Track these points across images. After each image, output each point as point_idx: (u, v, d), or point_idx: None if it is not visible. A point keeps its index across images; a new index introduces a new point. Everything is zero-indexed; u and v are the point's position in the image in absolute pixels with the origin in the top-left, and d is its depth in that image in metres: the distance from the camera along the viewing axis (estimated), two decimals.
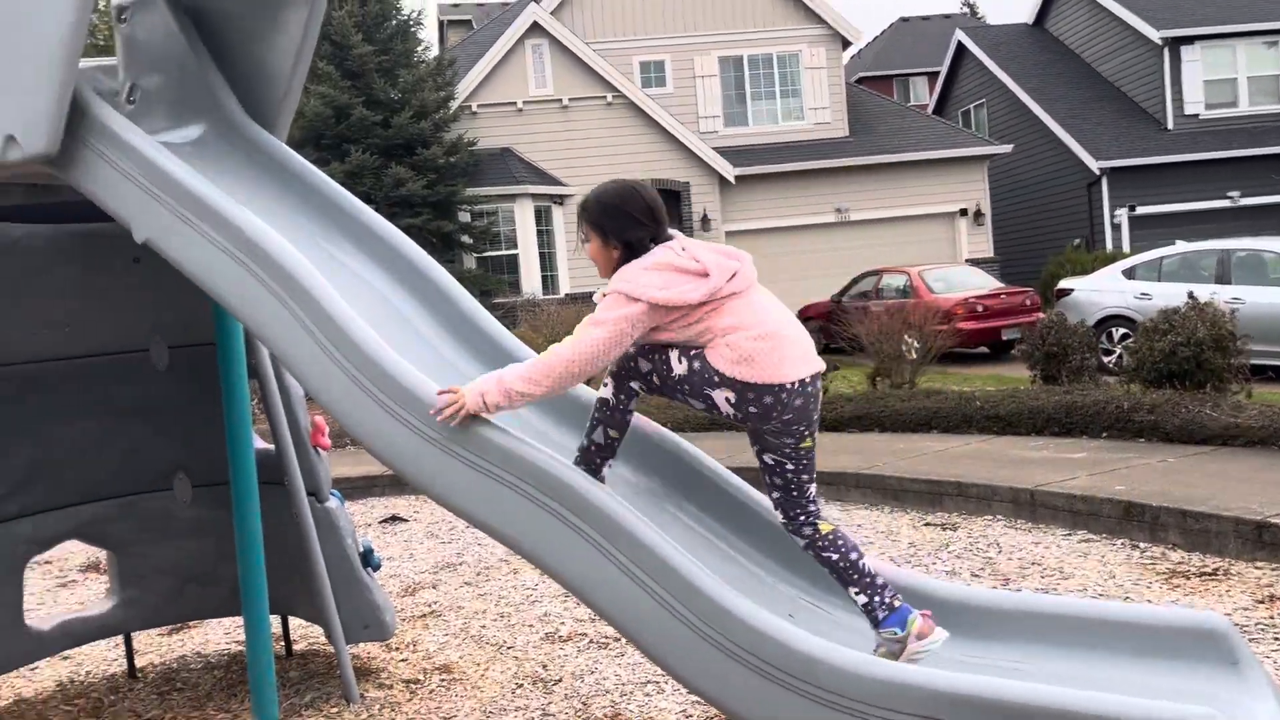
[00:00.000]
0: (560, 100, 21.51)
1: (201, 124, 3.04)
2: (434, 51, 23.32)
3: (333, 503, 4.07)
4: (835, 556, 2.42)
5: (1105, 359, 11.51)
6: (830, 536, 2.45)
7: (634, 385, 2.48)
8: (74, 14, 2.38)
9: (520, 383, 2.25)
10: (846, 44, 24.20)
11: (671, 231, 2.49)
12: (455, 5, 40.75)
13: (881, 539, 6.03)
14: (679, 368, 2.38)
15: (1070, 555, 5.31)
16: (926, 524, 6.28)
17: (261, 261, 2.38)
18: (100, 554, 6.66)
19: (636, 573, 2.10)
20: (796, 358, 2.36)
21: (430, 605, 5.29)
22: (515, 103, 21.51)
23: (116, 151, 2.53)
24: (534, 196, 20.84)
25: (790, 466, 2.45)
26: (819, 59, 23.52)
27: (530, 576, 5.67)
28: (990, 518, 6.21)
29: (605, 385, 2.51)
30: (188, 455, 4.17)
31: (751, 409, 2.35)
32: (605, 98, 21.51)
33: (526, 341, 3.60)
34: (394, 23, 19.68)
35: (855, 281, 17.87)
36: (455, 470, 2.22)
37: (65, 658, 4.68)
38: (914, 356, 11.26)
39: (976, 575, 5.14)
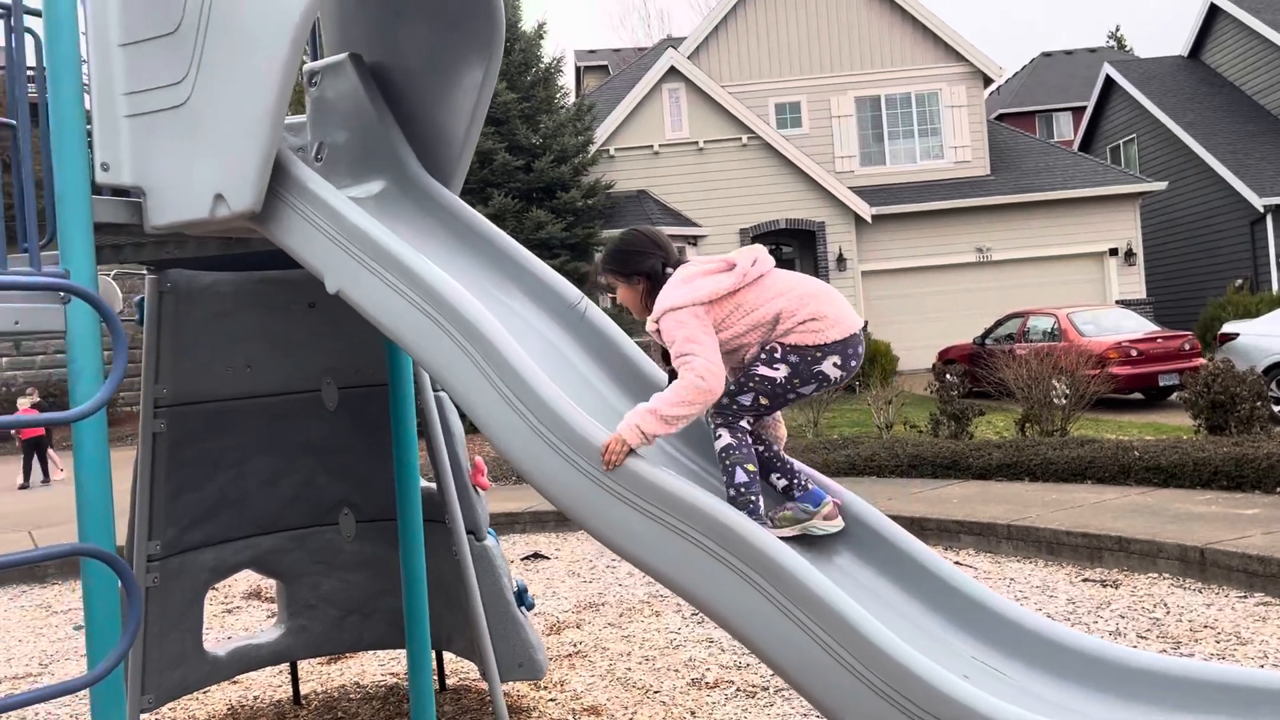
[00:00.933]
0: (696, 143, 21.73)
1: (383, 179, 3.21)
2: (572, 97, 23.93)
3: (490, 541, 4.18)
4: (760, 448, 2.66)
5: (1276, 408, 10.82)
6: (760, 432, 2.70)
7: (745, 424, 2.61)
8: (280, 80, 2.56)
9: (671, 408, 2.39)
10: (988, 81, 23.70)
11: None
12: (592, 52, 41.82)
13: (1037, 594, 5.80)
14: (779, 372, 2.55)
15: (1247, 619, 4.99)
16: (1085, 580, 6.00)
17: (444, 310, 2.49)
18: (262, 581, 6.99)
19: (813, 628, 2.09)
20: (847, 313, 2.62)
21: (575, 645, 5.35)
22: (651, 146, 21.84)
23: (311, 206, 2.69)
24: (669, 238, 21.00)
25: (792, 399, 2.64)
26: (959, 97, 23.11)
27: (673, 619, 5.66)
28: (1155, 575, 5.90)
29: (719, 435, 2.59)
30: (353, 492, 4.35)
31: (852, 362, 2.60)
32: (740, 139, 21.63)
33: None
34: (536, 70, 20.30)
35: (999, 323, 17.33)
36: (631, 519, 2.25)
37: (235, 682, 4.92)
38: (1064, 402, 10.83)
39: (1143, 637, 4.88)
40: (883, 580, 2.75)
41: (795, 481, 2.68)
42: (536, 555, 7.81)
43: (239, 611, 6.67)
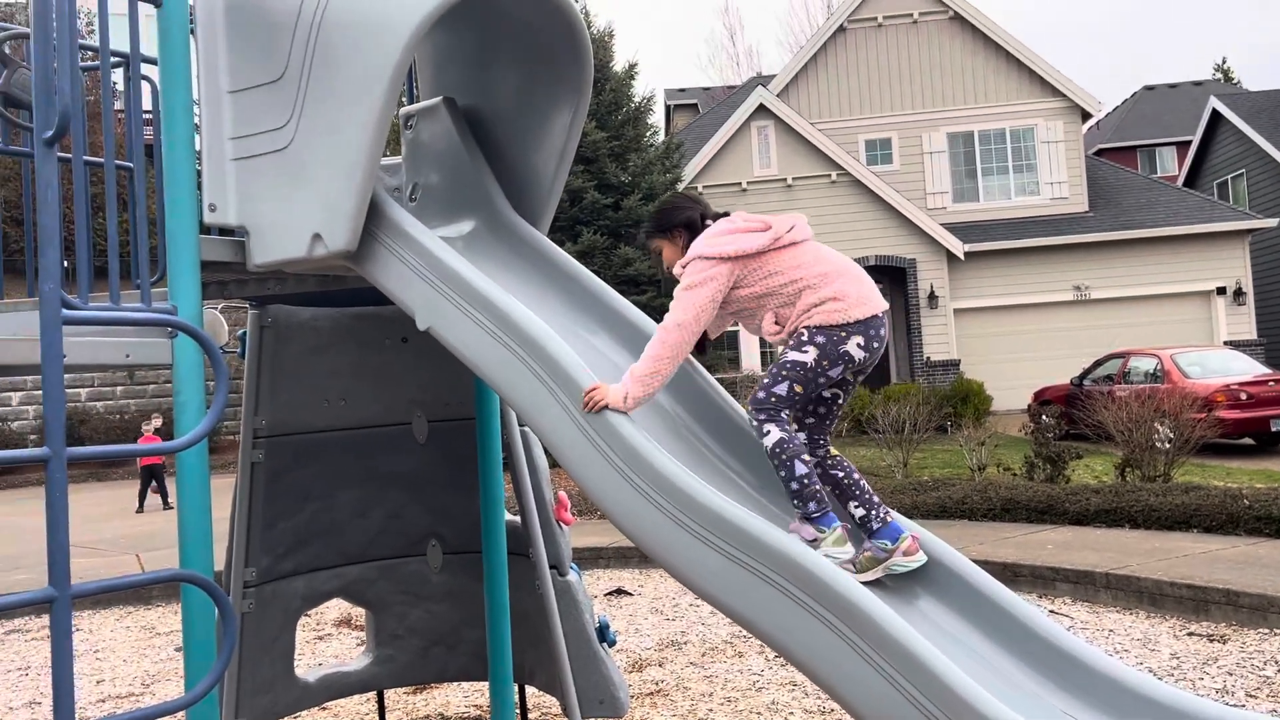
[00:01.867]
0: (784, 180, 21.73)
1: (474, 218, 3.29)
2: (661, 136, 24.17)
3: (572, 576, 4.20)
4: (842, 475, 2.67)
5: None
6: (839, 458, 2.73)
7: (786, 414, 2.62)
8: (376, 124, 2.66)
9: (645, 364, 2.51)
10: (1086, 116, 23.20)
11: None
12: (682, 90, 42.22)
13: (1138, 647, 5.56)
14: (809, 355, 2.58)
15: None
16: (1190, 634, 5.74)
17: (529, 348, 2.53)
18: (352, 609, 7.13)
19: (897, 677, 2.05)
20: (871, 293, 2.64)
21: (657, 683, 5.32)
22: (740, 183, 21.91)
23: (404, 246, 2.78)
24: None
25: (842, 399, 2.75)
26: (1056, 132, 22.66)
27: (756, 661, 5.59)
28: (1266, 631, 5.61)
29: (767, 433, 2.59)
30: (440, 523, 4.42)
31: (875, 344, 2.60)
32: (830, 176, 21.55)
33: None
34: (626, 110, 20.57)
35: (1098, 364, 16.80)
36: (710, 558, 2.25)
37: (324, 708, 5.02)
38: (1168, 447, 10.42)
39: (1252, 695, 4.64)
40: (969, 627, 2.68)
41: (874, 514, 2.63)
42: (620, 591, 7.81)
43: (330, 639, 6.81)
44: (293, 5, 2.75)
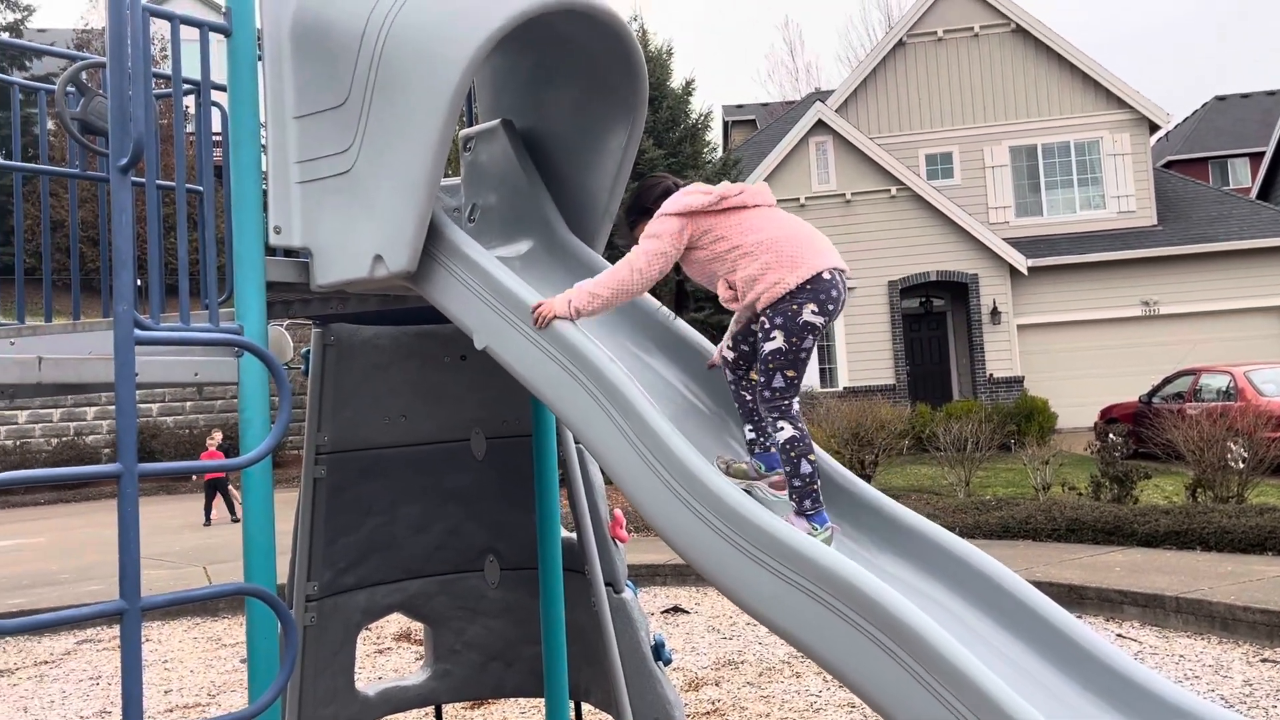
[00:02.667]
0: (843, 195, 21.60)
1: (531, 239, 3.33)
2: (719, 152, 24.20)
3: (628, 594, 4.20)
4: (749, 397, 2.74)
5: None
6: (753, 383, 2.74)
7: (795, 403, 2.63)
8: (436, 148, 2.71)
9: (595, 284, 2.64)
10: (1154, 127, 22.71)
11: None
12: (739, 107, 42.24)
13: (1209, 673, 5.40)
14: (778, 341, 2.59)
15: None
16: (1264, 660, 5.56)
17: (584, 367, 2.55)
18: (411, 623, 7.21)
19: (954, 703, 2.02)
20: (829, 250, 2.66)
21: (713, 703, 5.29)
22: (798, 198, 21.81)
23: (462, 267, 2.82)
24: None
25: (805, 358, 2.64)
26: (1122, 144, 22.22)
27: (814, 682, 5.54)
28: None
29: (781, 428, 2.59)
30: (497, 539, 4.46)
31: (830, 306, 2.60)
32: (889, 191, 21.37)
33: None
34: (683, 127, 20.63)
35: (1168, 381, 16.39)
36: (763, 579, 2.24)
37: None
38: (1241, 466, 10.12)
39: None
40: (1029, 651, 2.63)
41: (761, 439, 2.71)
42: (677, 609, 7.79)
43: (389, 653, 6.89)
44: (356, 32, 2.82)
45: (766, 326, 2.62)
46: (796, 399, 2.64)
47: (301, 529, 4.01)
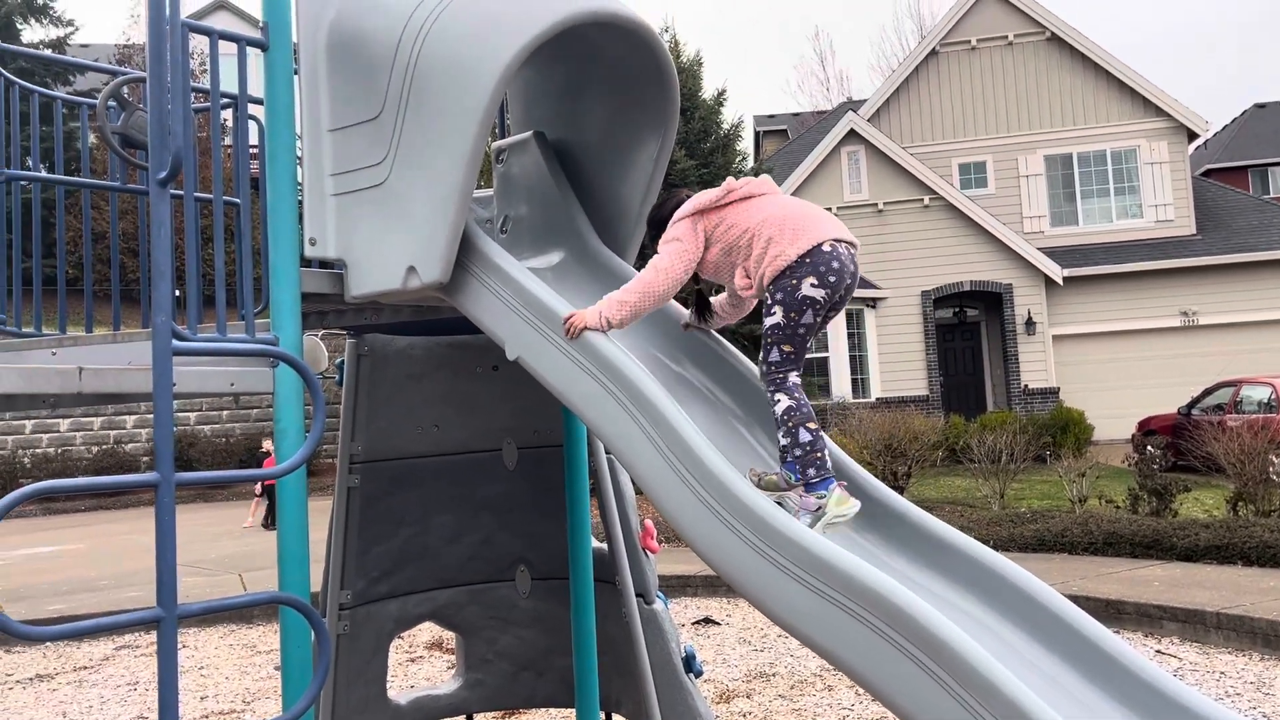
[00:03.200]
0: (875, 204, 21.50)
1: (562, 250, 3.34)
2: (751, 162, 24.18)
3: (659, 605, 4.19)
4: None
5: None
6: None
7: (793, 375, 2.67)
8: (468, 160, 2.73)
9: (624, 293, 2.66)
10: (1192, 135, 22.42)
11: None
12: (771, 116, 42.22)
13: (1251, 690, 5.30)
14: (778, 316, 2.65)
15: None
16: None
17: (615, 378, 2.56)
18: (443, 632, 7.24)
19: (985, 716, 1.99)
20: (832, 224, 2.68)
21: (744, 715, 5.26)
22: (830, 208, 21.64)
23: (494, 278, 2.83)
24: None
25: (804, 334, 2.67)
26: (1160, 153, 21.96)
27: (847, 695, 5.49)
28: None
29: (777, 400, 2.65)
30: (528, 549, 4.47)
31: (831, 278, 2.61)
32: (922, 200, 21.25)
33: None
34: (715, 137, 20.65)
35: (1207, 392, 16.13)
36: (796, 593, 2.22)
37: None
38: None
39: None
40: (1066, 667, 2.59)
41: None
42: (708, 620, 7.76)
43: (421, 661, 6.92)
44: (390, 46, 2.85)
45: (769, 302, 2.69)
46: (795, 373, 2.68)
47: (335, 538, 4.04)
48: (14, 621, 1.80)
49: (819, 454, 2.57)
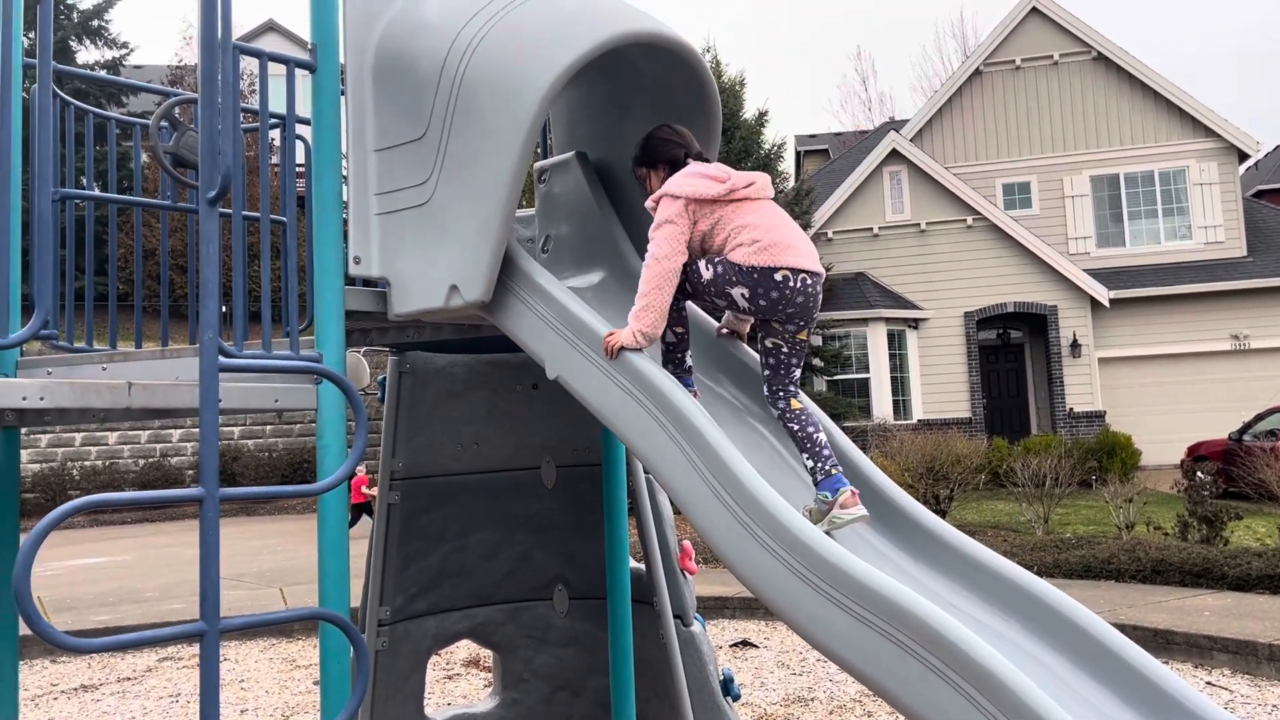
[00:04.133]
0: (918, 225, 21.36)
1: (603, 269, 3.35)
2: (792, 182, 24.15)
3: (697, 627, 4.16)
4: (796, 428, 2.73)
5: None
6: (797, 412, 2.77)
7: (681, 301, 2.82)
8: (511, 180, 2.75)
9: (638, 303, 2.69)
10: (1243, 156, 22.04)
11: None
12: (812, 136, 42.14)
13: None
14: (706, 274, 2.77)
15: None
16: None
17: (655, 398, 2.55)
18: (480, 649, 7.25)
19: None
20: (803, 253, 2.74)
21: None
22: (871, 228, 21.64)
23: (535, 297, 2.85)
24: (887, 320, 20.67)
25: (785, 350, 2.80)
26: (1209, 174, 21.61)
27: None
28: None
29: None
30: (566, 568, 4.46)
31: (761, 301, 2.71)
32: (965, 221, 21.08)
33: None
34: (756, 157, 20.66)
35: (1260, 418, 15.79)
36: (836, 617, 2.20)
37: None
38: None
39: None
40: (1115, 699, 2.54)
41: (819, 465, 2.69)
42: (745, 643, 7.70)
43: (458, 678, 6.93)
44: (434, 68, 2.88)
45: (740, 282, 2.77)
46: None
47: (375, 554, 4.07)
48: (61, 633, 1.83)
49: (680, 354, 2.83)
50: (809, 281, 2.74)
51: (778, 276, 2.69)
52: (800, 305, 2.73)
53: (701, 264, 2.79)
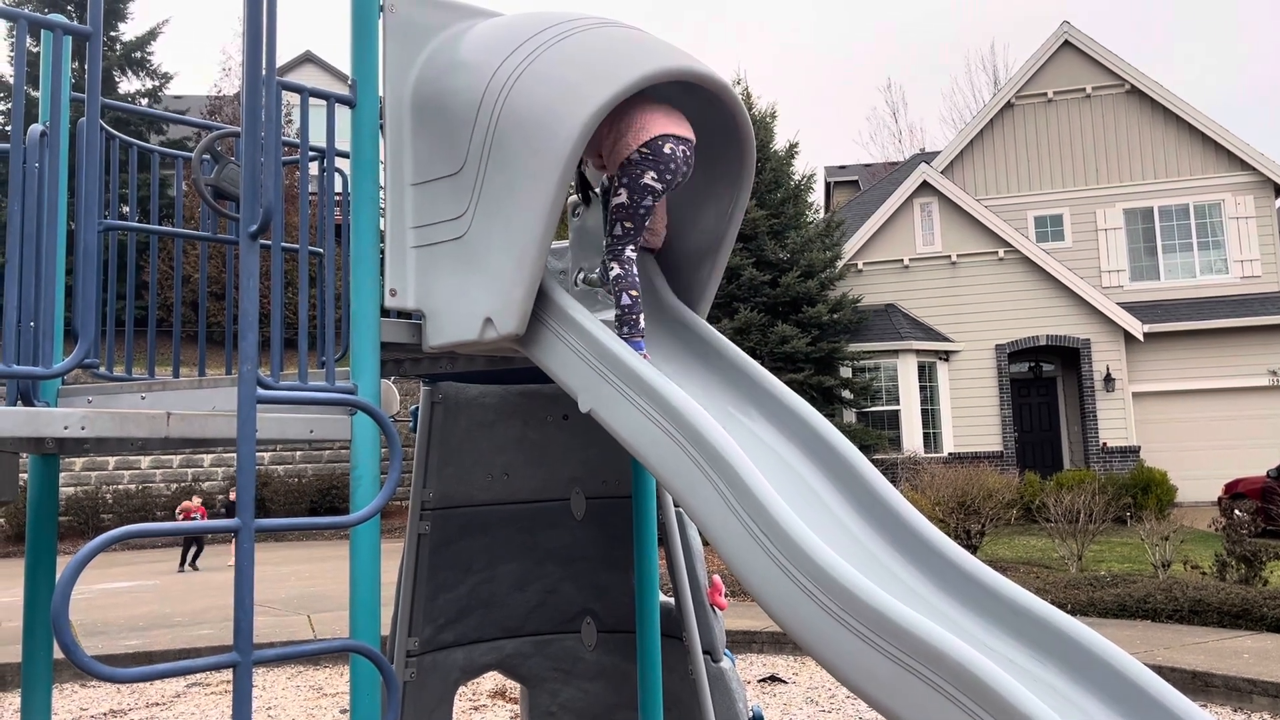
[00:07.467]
0: (949, 257, 21.27)
1: None
2: (822, 213, 24.15)
3: (726, 663, 4.12)
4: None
5: None
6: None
7: (630, 249, 3.08)
8: (547, 215, 2.77)
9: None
10: (1279, 190, 21.82)
11: None
12: (842, 168, 42.14)
13: None
14: (623, 197, 3.02)
15: None
16: None
17: (687, 433, 2.54)
18: (506, 681, 7.21)
19: None
20: (666, 117, 2.99)
21: None
22: (902, 260, 21.58)
23: (568, 330, 2.86)
24: (918, 352, 20.56)
25: (644, 214, 3.05)
26: (1245, 207, 21.40)
27: None
28: None
29: (611, 268, 3.06)
30: (594, 601, 4.44)
31: (667, 175, 2.96)
32: (996, 253, 20.97)
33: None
34: (785, 188, 20.69)
35: None
36: (870, 658, 2.17)
37: None
38: None
39: None
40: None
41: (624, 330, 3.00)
42: (774, 678, 7.62)
43: (485, 710, 6.90)
44: (472, 104, 2.92)
45: (615, 185, 3.05)
46: (631, 247, 3.06)
47: (405, 584, 4.07)
48: (99, 664, 1.84)
49: (634, 316, 3.00)
50: (688, 152, 3.03)
51: (665, 149, 2.95)
52: (686, 174, 3.05)
53: (614, 201, 3.06)
